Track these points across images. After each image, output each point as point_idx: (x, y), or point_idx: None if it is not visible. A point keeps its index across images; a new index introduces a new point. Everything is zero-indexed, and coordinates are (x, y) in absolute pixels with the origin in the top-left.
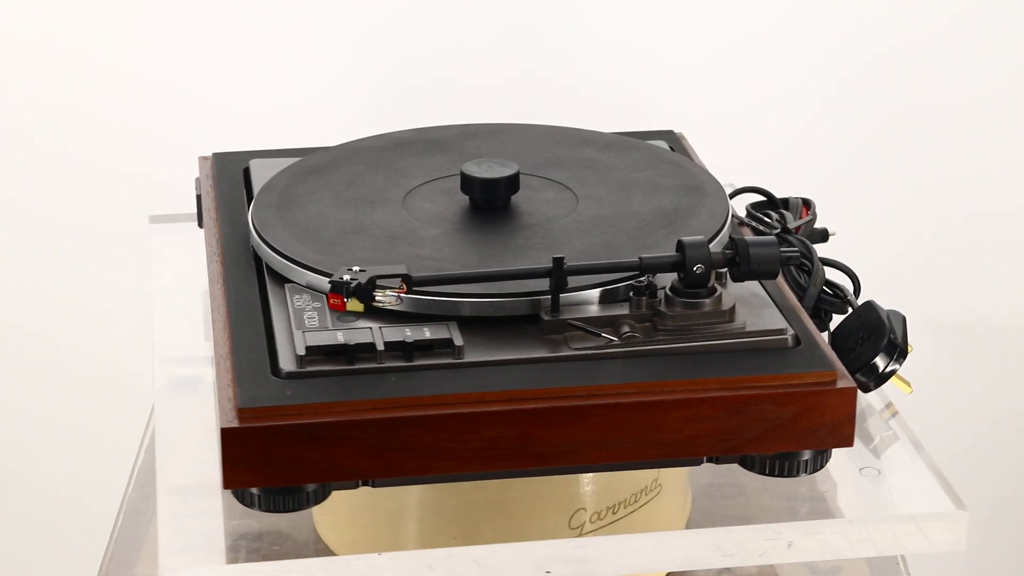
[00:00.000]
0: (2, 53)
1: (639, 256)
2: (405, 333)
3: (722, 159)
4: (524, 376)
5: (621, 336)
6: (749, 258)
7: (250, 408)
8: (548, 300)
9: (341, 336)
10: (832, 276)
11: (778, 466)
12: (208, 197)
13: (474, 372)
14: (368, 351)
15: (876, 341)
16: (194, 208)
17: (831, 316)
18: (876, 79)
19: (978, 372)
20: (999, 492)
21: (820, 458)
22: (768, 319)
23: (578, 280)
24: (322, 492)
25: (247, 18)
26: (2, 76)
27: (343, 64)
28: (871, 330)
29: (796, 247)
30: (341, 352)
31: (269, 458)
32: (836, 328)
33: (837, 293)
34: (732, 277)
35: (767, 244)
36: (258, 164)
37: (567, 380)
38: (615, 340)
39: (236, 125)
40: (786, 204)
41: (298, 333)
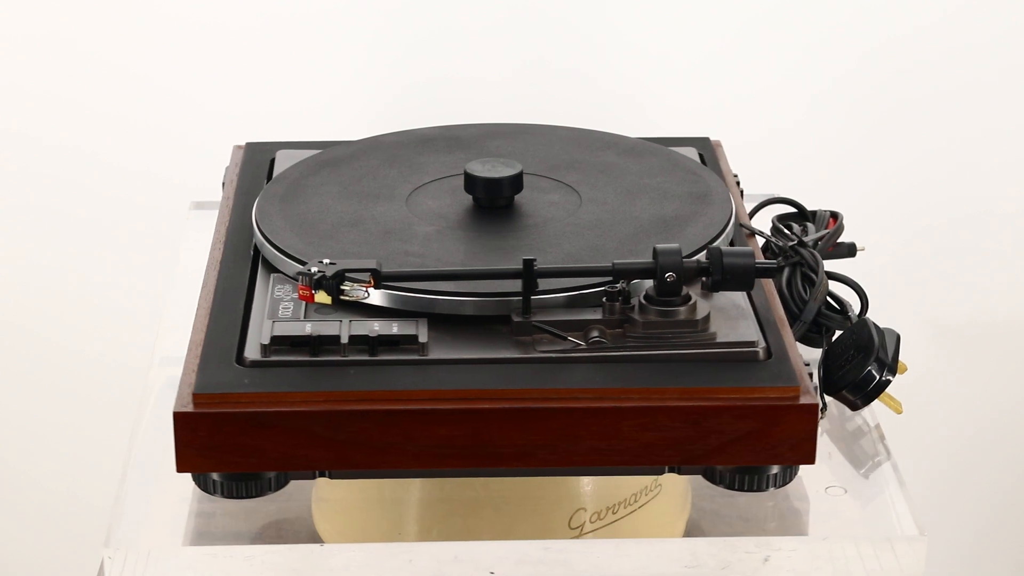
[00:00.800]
0: (32, 36)
1: (612, 262)
2: (372, 328)
3: (757, 169)
4: (481, 376)
5: (588, 341)
6: (722, 268)
7: (205, 394)
8: (520, 301)
9: (309, 328)
10: (845, 292)
11: (742, 480)
12: (230, 186)
13: (434, 370)
14: (333, 344)
15: (864, 359)
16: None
17: (833, 332)
18: (877, 73)
19: (978, 372)
20: (999, 492)
21: (788, 473)
22: (743, 331)
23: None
24: (282, 479)
25: (289, 11)
26: (30, 67)
27: (394, 60)
28: (861, 348)
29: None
30: (306, 343)
31: (220, 444)
32: (831, 345)
33: (839, 309)
34: (707, 287)
35: (741, 255)
36: (284, 155)
37: (523, 382)
38: (581, 344)
39: (291, 117)
40: (814, 216)
41: (268, 323)
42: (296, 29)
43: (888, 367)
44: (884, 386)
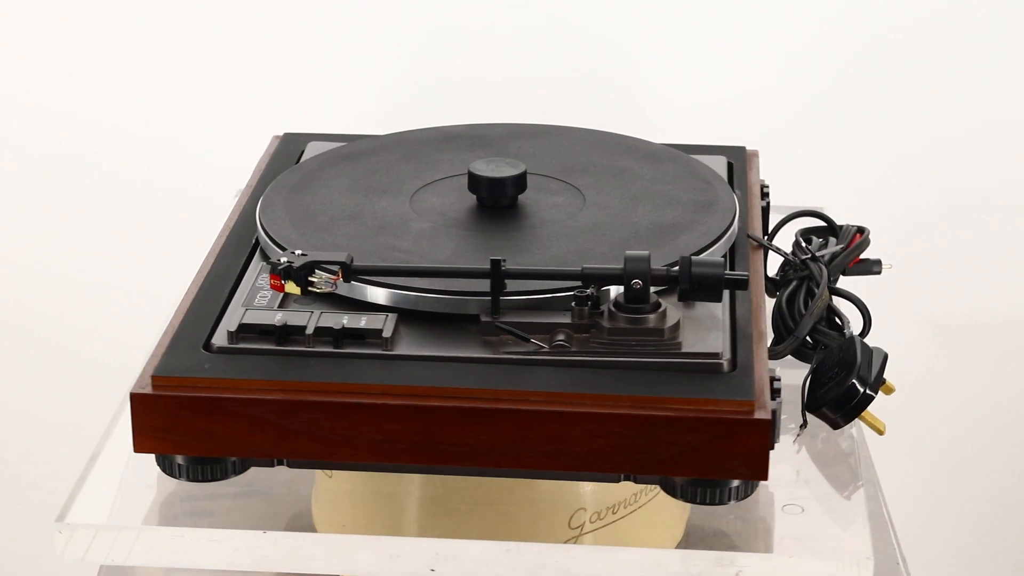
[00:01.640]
0: (31, 37)
1: (582, 266)
2: (340, 320)
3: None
4: (437, 374)
5: (552, 344)
6: (690, 277)
7: (164, 377)
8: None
9: (279, 317)
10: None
11: (700, 493)
12: (255, 175)
13: (395, 365)
14: (300, 334)
15: (846, 376)
16: None
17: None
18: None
19: (978, 372)
20: (999, 492)
21: (749, 486)
22: (710, 342)
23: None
24: (243, 464)
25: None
26: (30, 75)
27: (468, 59)
28: (845, 365)
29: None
30: (272, 332)
31: (175, 427)
32: (819, 362)
33: (837, 326)
34: (678, 296)
35: (711, 265)
36: (314, 147)
37: (476, 382)
38: (544, 347)
39: (349, 111)
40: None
41: (240, 310)
42: (347, 26)
43: (870, 384)
44: (865, 404)
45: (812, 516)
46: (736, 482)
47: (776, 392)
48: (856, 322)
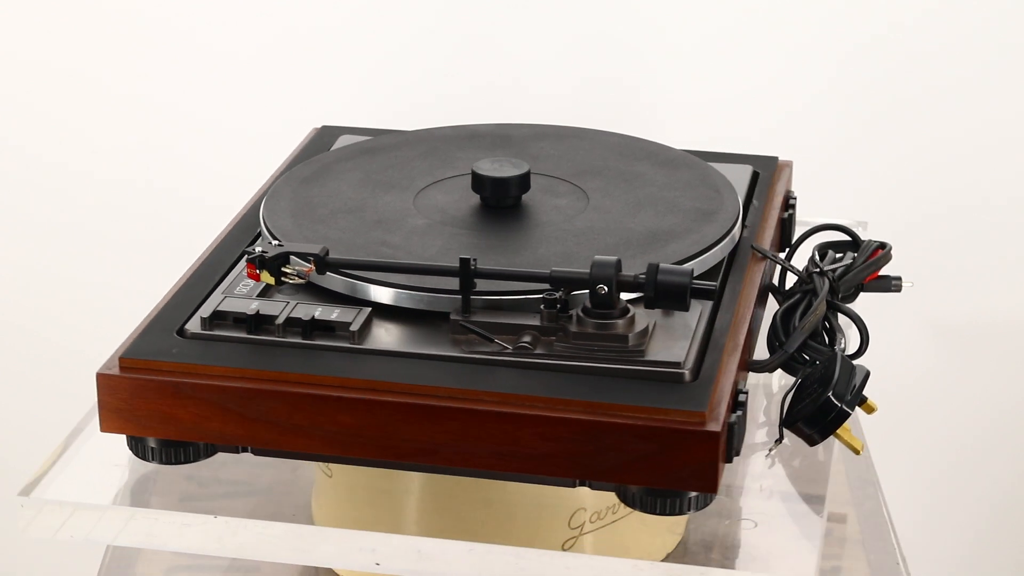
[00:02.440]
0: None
1: (551, 269)
2: (311, 311)
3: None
4: (397, 369)
5: (515, 346)
6: (655, 285)
7: (130, 359)
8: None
9: (254, 306)
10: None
11: (654, 503)
12: (283, 166)
13: (358, 358)
14: (271, 324)
15: (822, 392)
16: None
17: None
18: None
19: (978, 372)
20: (999, 492)
21: (705, 498)
22: (675, 351)
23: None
24: (209, 449)
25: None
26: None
27: (498, 56)
28: (824, 381)
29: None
30: (245, 321)
31: (138, 408)
32: (803, 378)
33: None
34: (644, 303)
35: (677, 273)
36: (344, 140)
37: (432, 379)
38: (507, 348)
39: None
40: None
41: (218, 297)
42: (401, 28)
43: (847, 401)
44: (840, 420)
45: (757, 531)
46: (693, 493)
47: (740, 405)
48: (854, 340)
